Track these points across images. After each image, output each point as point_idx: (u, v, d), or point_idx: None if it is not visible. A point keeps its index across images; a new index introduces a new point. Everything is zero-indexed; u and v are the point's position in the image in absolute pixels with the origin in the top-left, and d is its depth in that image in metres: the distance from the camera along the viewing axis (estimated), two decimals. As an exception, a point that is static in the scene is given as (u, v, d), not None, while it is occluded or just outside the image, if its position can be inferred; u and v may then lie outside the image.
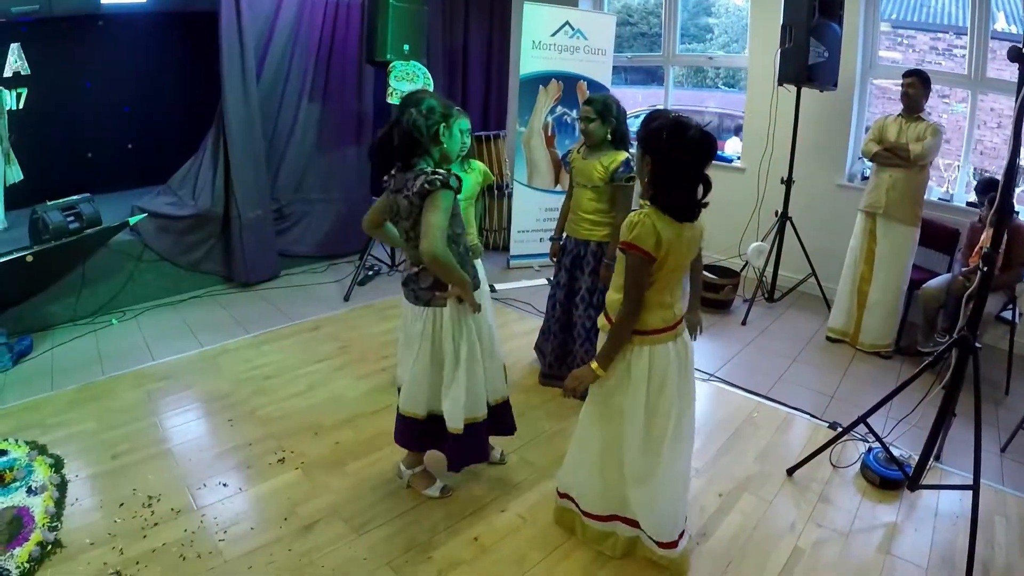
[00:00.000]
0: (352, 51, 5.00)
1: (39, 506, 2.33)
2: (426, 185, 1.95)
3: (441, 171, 2.00)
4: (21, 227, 3.98)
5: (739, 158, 5.05)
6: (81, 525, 2.27)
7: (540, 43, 4.87)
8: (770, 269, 4.39)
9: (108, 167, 5.67)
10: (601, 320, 2.03)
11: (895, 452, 2.56)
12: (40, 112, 5.27)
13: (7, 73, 4.93)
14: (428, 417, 2.31)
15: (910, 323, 3.88)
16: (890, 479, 2.56)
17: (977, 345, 2.25)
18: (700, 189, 1.77)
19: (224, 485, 2.50)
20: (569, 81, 4.87)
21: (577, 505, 2.19)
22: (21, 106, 5.06)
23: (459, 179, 2.05)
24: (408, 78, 4.44)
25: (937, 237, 3.95)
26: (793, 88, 3.98)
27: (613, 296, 1.95)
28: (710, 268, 4.53)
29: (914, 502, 2.52)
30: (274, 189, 4.91)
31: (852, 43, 4.20)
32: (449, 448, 2.31)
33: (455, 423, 2.22)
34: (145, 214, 4.27)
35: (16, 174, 4.41)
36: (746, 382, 3.43)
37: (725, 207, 4.93)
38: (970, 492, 2.19)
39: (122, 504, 2.37)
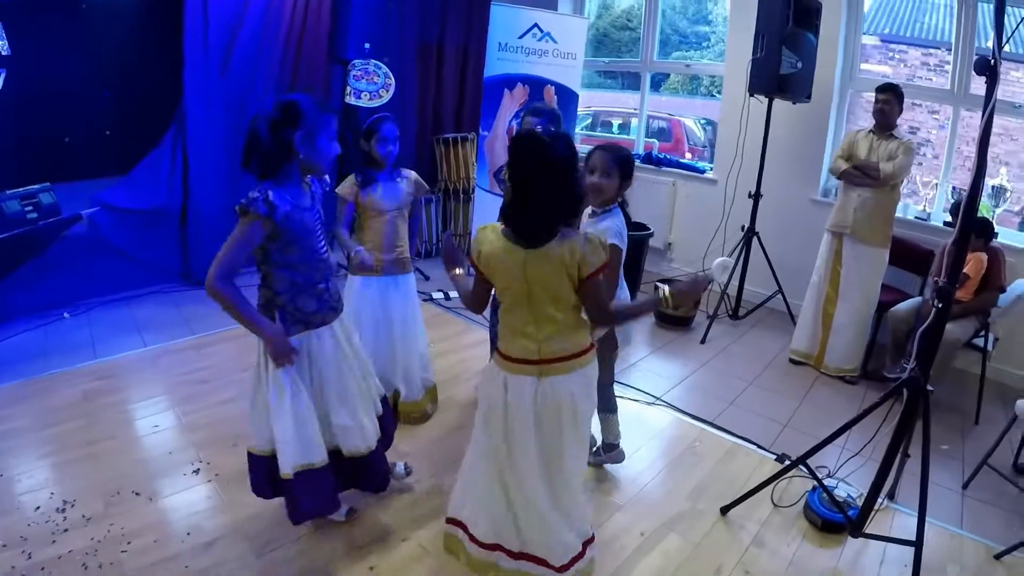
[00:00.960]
0: (321, 47, 4.93)
1: (-46, 504, 2.34)
2: (236, 208, 1.84)
3: (257, 193, 1.83)
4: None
5: (711, 169, 4.96)
6: (-4, 526, 2.28)
7: (507, 45, 4.77)
8: (736, 285, 4.30)
9: (85, 153, 5.71)
10: None
11: (844, 491, 2.47)
12: (20, 94, 5.33)
13: (-14, 52, 4.95)
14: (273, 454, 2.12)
15: (879, 345, 3.77)
16: (833, 522, 2.42)
17: (929, 388, 2.13)
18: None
19: (136, 494, 2.48)
20: (536, 85, 4.79)
21: (466, 530, 2.07)
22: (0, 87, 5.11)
23: (270, 204, 1.83)
24: (367, 77, 4.41)
25: (910, 257, 3.84)
26: (765, 99, 3.89)
27: None
28: (669, 282, 4.40)
29: (860, 548, 2.37)
30: (237, 186, 4.89)
31: (831, 54, 4.09)
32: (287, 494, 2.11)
33: (283, 467, 2.02)
34: (98, 207, 4.28)
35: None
36: (694, 407, 3.33)
37: (692, 220, 4.98)
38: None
39: (38, 507, 2.38)
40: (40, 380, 3.34)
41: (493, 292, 1.89)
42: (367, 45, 4.35)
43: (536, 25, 4.80)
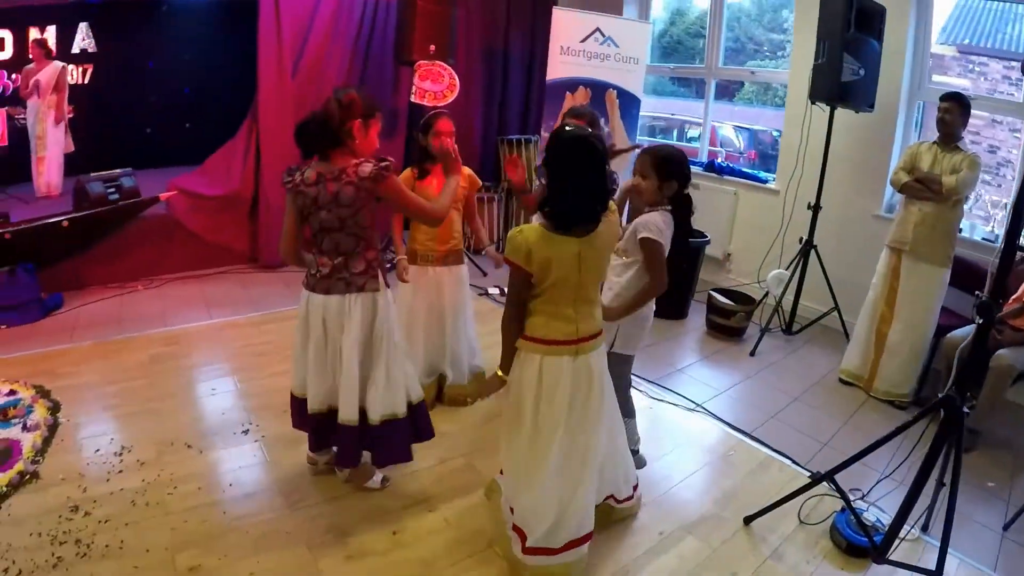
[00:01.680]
0: (389, 49, 5.23)
1: (29, 442, 2.67)
2: (382, 171, 2.11)
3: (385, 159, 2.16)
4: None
5: (774, 179, 4.92)
6: (59, 462, 2.58)
7: (569, 49, 4.90)
8: (791, 299, 4.25)
9: (165, 143, 6.21)
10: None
11: (875, 516, 2.42)
12: (104, 88, 5.87)
13: (75, 50, 5.52)
14: (329, 411, 2.37)
15: (935, 371, 3.62)
16: (858, 546, 2.35)
17: (965, 410, 2.08)
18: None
19: (188, 446, 2.74)
20: (598, 89, 4.89)
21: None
22: (86, 81, 5.67)
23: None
24: (432, 78, 4.64)
25: (973, 280, 3.62)
26: (827, 107, 3.84)
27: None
28: (724, 292, 4.43)
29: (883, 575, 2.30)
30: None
31: (897, 62, 3.99)
32: (372, 443, 2.38)
33: (375, 415, 2.30)
34: (175, 191, 4.67)
35: (68, 145, 4.93)
36: (733, 416, 3.32)
37: (750, 230, 4.94)
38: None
39: (98, 450, 2.67)
40: (112, 342, 3.70)
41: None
42: (432, 47, 4.58)
43: (598, 29, 4.92)
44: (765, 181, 5.00)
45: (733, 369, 3.91)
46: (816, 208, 4.01)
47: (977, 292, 2.12)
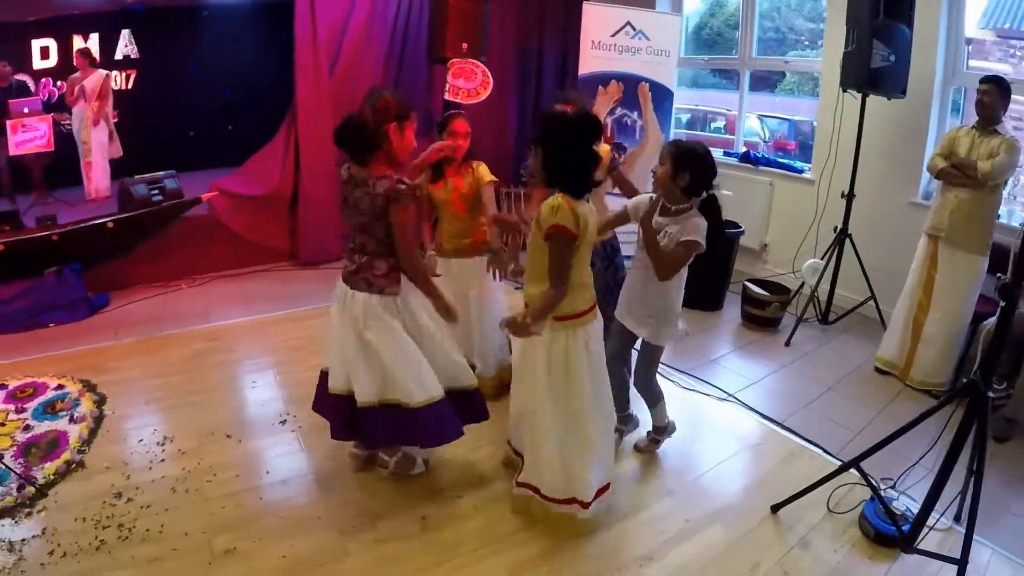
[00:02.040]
0: (423, 48, 5.31)
1: (75, 433, 2.85)
2: (397, 195, 2.18)
3: (404, 183, 2.21)
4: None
5: (808, 169, 4.86)
6: (104, 451, 2.76)
7: (600, 43, 4.93)
8: (827, 289, 4.20)
9: (207, 145, 6.44)
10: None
11: (904, 505, 2.41)
12: (148, 93, 6.13)
13: (118, 56, 5.77)
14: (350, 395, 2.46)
15: (972, 359, 3.49)
16: (885, 534, 2.32)
17: (989, 394, 2.05)
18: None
19: (228, 436, 2.89)
20: (630, 82, 4.90)
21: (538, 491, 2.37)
22: (130, 87, 5.93)
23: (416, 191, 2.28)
24: (465, 75, 4.71)
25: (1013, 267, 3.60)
26: (859, 94, 3.79)
27: (534, 289, 2.17)
28: (759, 283, 4.40)
29: (913, 566, 2.27)
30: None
31: (930, 48, 3.91)
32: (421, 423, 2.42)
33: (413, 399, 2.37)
34: (216, 192, 4.86)
35: (116, 151, 5.17)
36: (765, 406, 3.32)
37: (787, 220, 4.90)
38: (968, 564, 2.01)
39: (141, 440, 2.84)
40: (156, 339, 3.89)
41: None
42: (465, 45, 4.66)
43: (629, 23, 4.93)
44: (801, 171, 4.94)
45: (767, 359, 3.89)
46: (850, 196, 3.96)
47: (999, 274, 2.09)
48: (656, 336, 2.60)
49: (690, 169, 2.37)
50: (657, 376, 2.81)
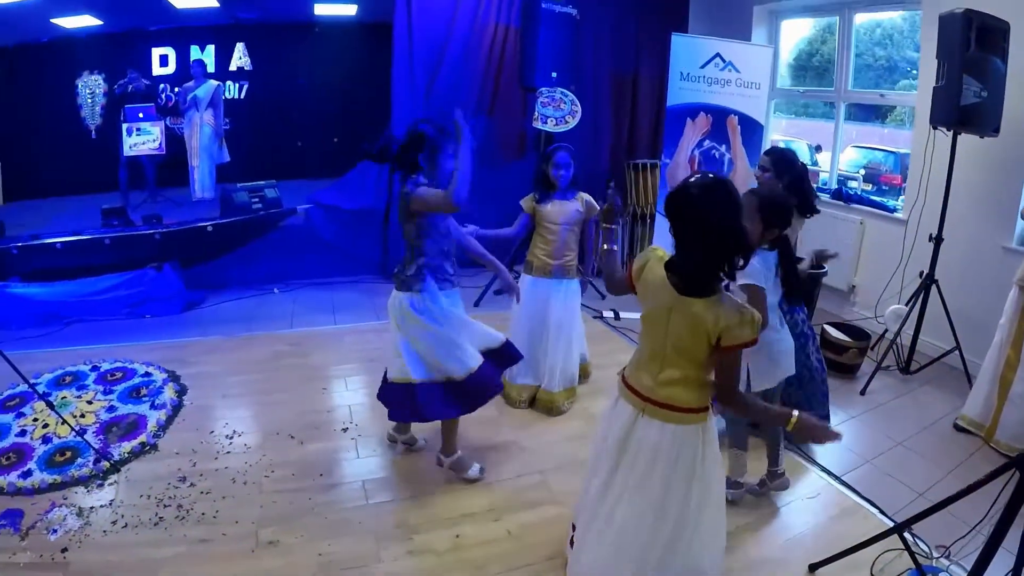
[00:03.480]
0: (517, 75, 5.54)
1: (154, 418, 3.22)
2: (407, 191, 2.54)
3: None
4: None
5: (899, 209, 4.66)
6: (176, 437, 3.11)
7: (689, 75, 4.96)
8: (910, 336, 4.03)
9: (312, 156, 6.97)
10: None
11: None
12: (258, 103, 6.71)
13: (232, 68, 6.37)
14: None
15: None
16: None
17: None
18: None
19: (291, 437, 3.17)
20: (719, 114, 4.88)
21: None
22: (242, 97, 6.53)
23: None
24: (555, 104, 4.88)
25: None
26: (949, 132, 3.64)
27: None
28: (840, 326, 4.26)
29: None
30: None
31: None
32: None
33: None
34: (313, 203, 5.26)
35: (224, 156, 5.71)
36: (826, 458, 3.22)
37: (875, 261, 4.76)
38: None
39: (212, 431, 3.17)
40: (241, 338, 4.29)
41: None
42: (554, 74, 4.83)
43: (718, 55, 4.94)
44: (893, 210, 4.76)
45: (839, 408, 3.74)
46: (938, 240, 3.79)
47: None
48: (758, 381, 2.65)
49: (778, 224, 2.47)
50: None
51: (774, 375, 2.66)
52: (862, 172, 6.24)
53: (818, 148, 6.72)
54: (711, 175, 1.85)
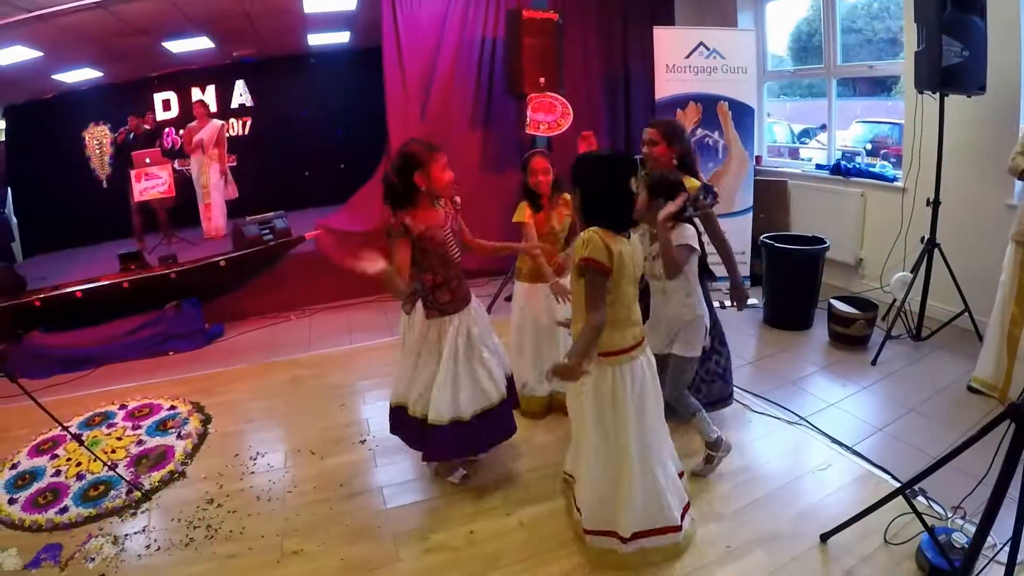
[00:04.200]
0: (507, 84, 5.70)
1: (181, 448, 3.41)
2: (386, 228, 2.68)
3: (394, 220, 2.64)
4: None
5: (897, 178, 4.70)
6: (203, 463, 3.30)
7: (675, 66, 5.07)
8: (918, 302, 4.06)
9: (319, 184, 7.19)
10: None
11: (962, 537, 2.31)
12: (262, 137, 6.97)
13: (234, 105, 6.64)
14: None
15: None
16: (940, 569, 2.23)
17: None
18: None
19: (312, 453, 3.34)
20: (708, 102, 4.98)
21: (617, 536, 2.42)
22: (246, 132, 6.80)
23: (405, 227, 2.62)
24: (545, 109, 5.03)
25: None
26: (935, 95, 3.68)
27: (579, 327, 2.30)
28: (847, 299, 4.32)
29: None
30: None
31: (1011, 38, 3.72)
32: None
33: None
34: (320, 229, 5.46)
35: (232, 193, 5.95)
36: (838, 430, 3.29)
37: (879, 231, 4.80)
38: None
39: (236, 455, 3.35)
40: (261, 365, 4.49)
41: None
42: (542, 80, 4.98)
43: (702, 43, 5.05)
44: (893, 180, 4.80)
45: (850, 380, 3.83)
46: (936, 204, 3.84)
47: None
48: (687, 347, 2.78)
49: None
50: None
51: (700, 340, 2.82)
52: (868, 146, 6.27)
53: (822, 127, 6.76)
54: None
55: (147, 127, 6.37)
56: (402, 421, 2.93)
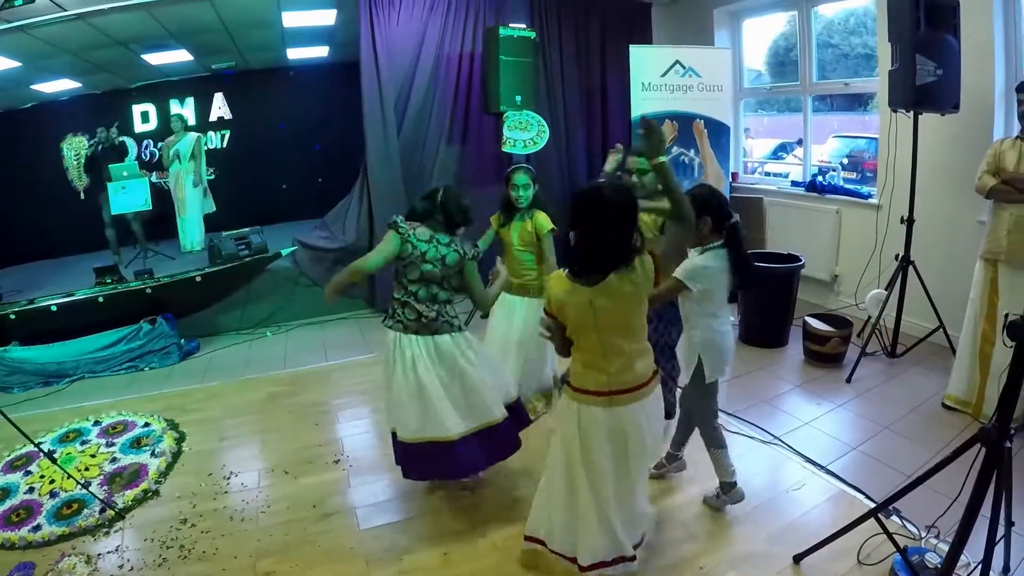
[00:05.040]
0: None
1: (155, 466, 3.38)
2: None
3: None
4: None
5: (871, 195, 4.79)
6: (177, 482, 3.28)
7: (651, 84, 5.14)
8: (894, 319, 4.12)
9: (296, 198, 7.19)
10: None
11: (935, 557, 2.34)
12: (241, 150, 6.97)
13: (212, 118, 6.65)
14: None
15: None
16: None
17: (1007, 443, 2.04)
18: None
19: (285, 472, 3.33)
20: (684, 120, 5.05)
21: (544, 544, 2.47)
22: (224, 146, 6.80)
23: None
24: (521, 127, 5.07)
25: None
26: (909, 113, 3.76)
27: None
28: (822, 317, 4.38)
29: None
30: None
31: (985, 57, 3.82)
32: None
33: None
34: (297, 246, 5.46)
35: (210, 206, 5.93)
36: (812, 449, 3.32)
37: (854, 248, 4.87)
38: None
39: (210, 473, 3.33)
40: (236, 383, 4.47)
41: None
42: (518, 97, 5.03)
43: (678, 62, 5.13)
44: (867, 196, 4.90)
45: (825, 398, 3.87)
46: (910, 221, 3.91)
47: (1007, 313, 2.08)
48: (686, 375, 2.81)
49: (707, 212, 2.58)
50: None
51: (720, 368, 2.78)
52: (845, 160, 6.38)
53: (799, 142, 6.87)
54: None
55: (119, 138, 6.32)
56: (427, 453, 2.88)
